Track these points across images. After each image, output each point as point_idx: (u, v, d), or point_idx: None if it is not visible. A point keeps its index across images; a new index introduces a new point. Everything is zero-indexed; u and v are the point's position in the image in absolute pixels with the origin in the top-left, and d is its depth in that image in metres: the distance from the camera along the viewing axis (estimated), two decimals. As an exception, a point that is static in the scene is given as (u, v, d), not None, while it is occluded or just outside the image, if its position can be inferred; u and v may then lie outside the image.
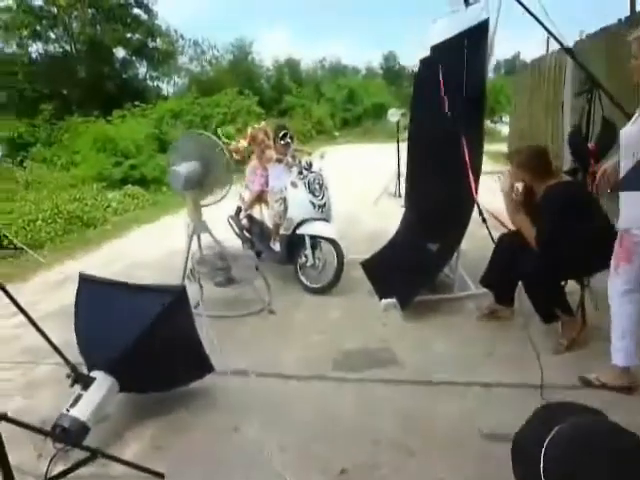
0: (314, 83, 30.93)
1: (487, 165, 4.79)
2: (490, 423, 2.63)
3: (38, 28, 24.37)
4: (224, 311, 4.44)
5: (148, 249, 7.04)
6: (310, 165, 4.90)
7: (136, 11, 26.73)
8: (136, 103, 16.61)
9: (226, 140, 6.07)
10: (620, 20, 7.06)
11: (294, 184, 4.79)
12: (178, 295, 2.72)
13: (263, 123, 6.00)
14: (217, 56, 28.35)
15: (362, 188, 9.85)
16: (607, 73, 7.50)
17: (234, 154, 5.47)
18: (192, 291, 4.51)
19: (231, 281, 4.36)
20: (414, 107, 5.23)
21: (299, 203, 4.74)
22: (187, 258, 4.20)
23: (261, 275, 4.49)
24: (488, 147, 6.05)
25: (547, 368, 2.96)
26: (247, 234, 5.69)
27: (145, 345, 2.62)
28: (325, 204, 4.81)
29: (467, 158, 3.91)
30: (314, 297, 4.75)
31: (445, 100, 4.14)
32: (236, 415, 2.87)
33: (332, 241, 4.66)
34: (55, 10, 24.21)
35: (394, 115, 9.07)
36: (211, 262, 4.35)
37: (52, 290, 5.65)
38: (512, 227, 3.81)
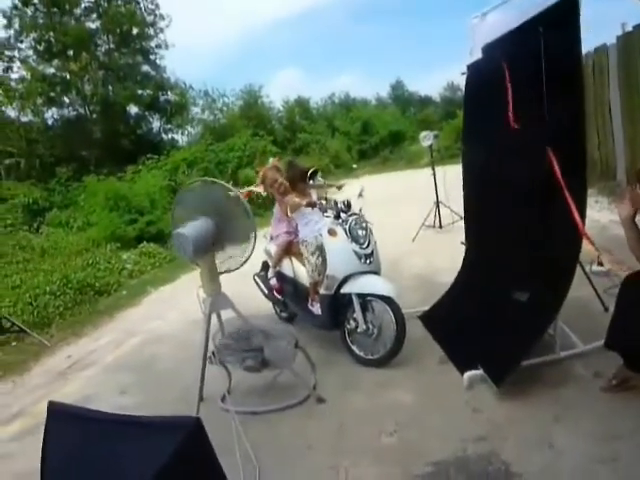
0: (326, 118, 30.56)
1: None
2: None
3: (52, 94, 24.72)
4: (258, 405, 3.47)
5: (165, 318, 6.17)
6: (348, 206, 3.97)
7: (145, 68, 27.09)
8: (149, 155, 16.11)
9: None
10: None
11: (332, 232, 3.85)
12: (190, 431, 1.77)
13: (272, 160, 5.08)
14: (227, 103, 28.22)
15: (394, 222, 8.51)
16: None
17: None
18: (216, 378, 3.65)
19: (265, 364, 3.38)
20: (470, 124, 4.29)
21: (341, 255, 3.79)
22: (206, 342, 3.26)
23: (303, 353, 3.52)
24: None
25: None
26: (278, 295, 4.74)
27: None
28: (372, 253, 3.84)
29: (561, 179, 2.93)
30: (370, 371, 3.73)
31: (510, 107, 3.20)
32: None
33: (387, 299, 3.67)
34: (67, 75, 24.59)
35: (427, 138, 8.10)
36: (238, 342, 3.41)
37: (55, 382, 4.79)
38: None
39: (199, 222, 3.02)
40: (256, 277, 5.00)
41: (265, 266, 5.01)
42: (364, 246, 3.80)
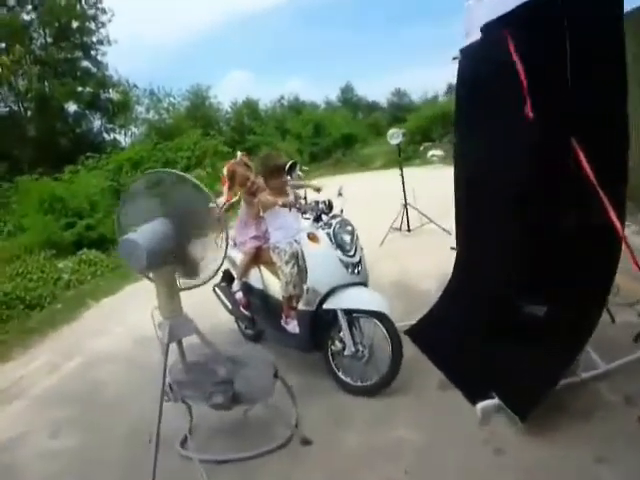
0: (276, 121, 29.97)
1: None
2: None
3: (-19, 89, 23.01)
4: (228, 449, 2.83)
5: (108, 335, 5.38)
6: (330, 206, 3.40)
7: (85, 64, 25.69)
8: (89, 154, 14.90)
9: None
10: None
11: (313, 237, 3.26)
12: None
13: (239, 154, 4.42)
14: (174, 103, 27.04)
15: (357, 227, 8.05)
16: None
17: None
18: (173, 413, 2.98)
19: (236, 399, 2.75)
20: (465, 116, 3.82)
21: (324, 264, 3.20)
22: (164, 377, 2.58)
23: (282, 383, 2.90)
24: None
25: None
26: (244, 310, 4.09)
27: None
28: (360, 261, 3.28)
29: (591, 175, 2.49)
30: (361, 402, 3.14)
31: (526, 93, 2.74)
32: None
33: (380, 315, 3.12)
34: (-1, 69, 22.85)
35: (396, 136, 7.62)
36: (202, 374, 2.76)
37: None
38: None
39: (154, 225, 2.36)
40: (217, 289, 4.32)
41: (227, 276, 4.34)
42: (350, 253, 3.23)
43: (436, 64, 38.49)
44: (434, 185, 8.49)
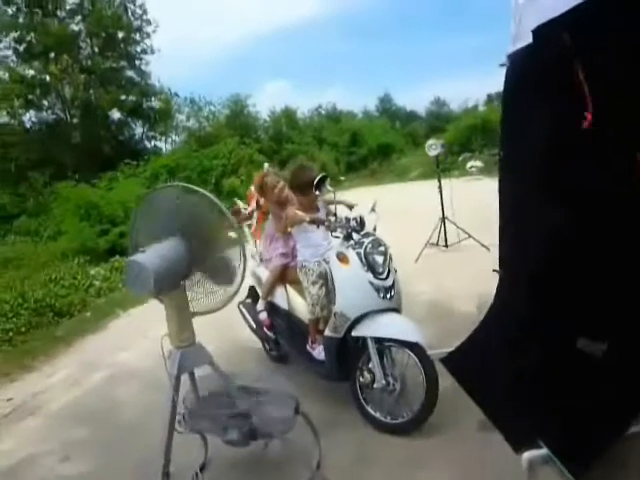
0: (313, 130, 29.86)
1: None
2: None
3: (30, 97, 23.91)
4: (244, 491, 2.59)
5: (136, 348, 5.24)
6: (361, 224, 3.13)
7: (129, 73, 26.41)
8: (126, 161, 15.13)
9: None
10: None
11: (342, 257, 3.00)
12: None
13: (267, 165, 4.20)
14: (214, 112, 27.40)
15: (392, 241, 7.66)
16: None
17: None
18: (190, 444, 2.78)
19: (253, 435, 2.51)
20: (513, 129, 3.49)
21: (354, 287, 2.93)
22: (173, 411, 2.36)
23: (305, 420, 2.64)
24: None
25: None
26: (268, 332, 3.85)
27: None
28: (393, 285, 3.00)
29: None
30: (391, 441, 2.84)
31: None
32: None
33: (413, 346, 2.83)
34: (47, 78, 23.78)
35: (434, 148, 7.26)
36: (219, 404, 2.53)
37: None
38: None
39: (165, 245, 2.15)
40: (241, 306, 4.10)
41: (252, 293, 4.13)
42: (382, 276, 2.95)
43: (477, 74, 37.90)
44: (474, 198, 8.10)
